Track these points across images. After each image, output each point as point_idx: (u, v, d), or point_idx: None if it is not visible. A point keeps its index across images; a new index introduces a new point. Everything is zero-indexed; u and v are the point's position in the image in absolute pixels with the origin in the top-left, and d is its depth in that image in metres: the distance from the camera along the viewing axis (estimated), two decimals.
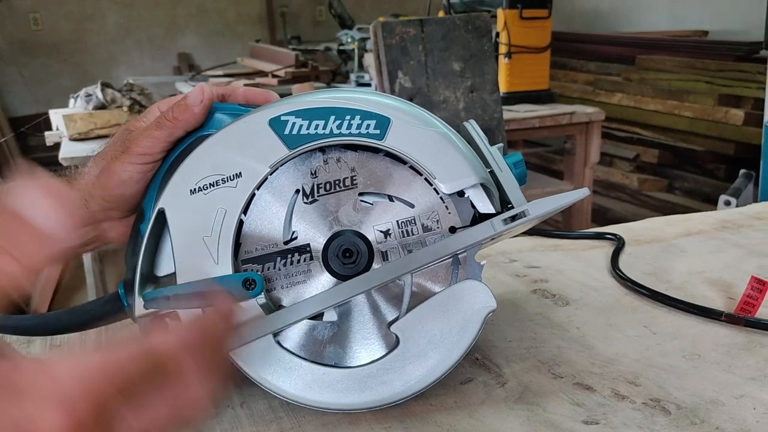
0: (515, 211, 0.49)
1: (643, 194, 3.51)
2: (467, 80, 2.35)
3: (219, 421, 0.51)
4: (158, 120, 0.52)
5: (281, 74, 3.72)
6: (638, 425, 0.48)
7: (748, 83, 3.29)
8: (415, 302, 0.50)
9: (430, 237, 0.51)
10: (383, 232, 0.51)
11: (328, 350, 0.51)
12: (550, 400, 0.52)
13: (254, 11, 5.66)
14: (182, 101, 0.51)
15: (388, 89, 2.29)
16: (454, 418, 0.50)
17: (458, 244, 0.49)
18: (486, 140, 0.52)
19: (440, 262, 0.50)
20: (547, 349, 0.60)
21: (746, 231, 0.87)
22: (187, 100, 0.51)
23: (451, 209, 0.51)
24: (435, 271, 0.51)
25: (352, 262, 0.50)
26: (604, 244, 0.84)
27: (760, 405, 0.51)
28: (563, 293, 0.71)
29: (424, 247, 0.50)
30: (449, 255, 0.50)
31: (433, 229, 0.51)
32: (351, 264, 0.50)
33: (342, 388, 0.49)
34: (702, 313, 0.64)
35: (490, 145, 0.52)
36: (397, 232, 0.51)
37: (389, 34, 2.28)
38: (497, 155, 0.51)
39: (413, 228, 0.51)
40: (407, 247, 0.51)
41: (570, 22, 4.98)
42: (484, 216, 0.50)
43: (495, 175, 0.50)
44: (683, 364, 0.57)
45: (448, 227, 0.51)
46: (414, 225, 0.51)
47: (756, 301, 0.63)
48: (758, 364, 0.56)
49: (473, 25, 2.36)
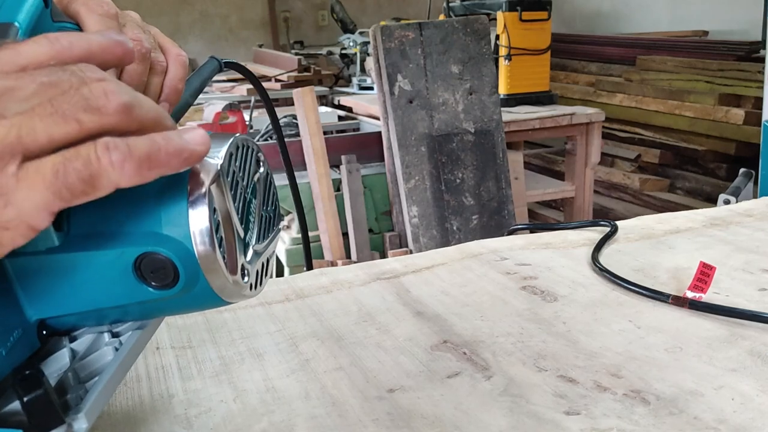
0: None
1: (645, 194, 3.52)
2: (466, 83, 2.37)
3: (212, 416, 0.53)
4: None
5: (284, 79, 3.75)
6: (618, 415, 0.50)
7: (748, 83, 3.30)
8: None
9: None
10: None
11: None
12: (533, 393, 0.53)
13: (257, 16, 5.69)
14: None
15: (388, 92, 2.31)
16: (440, 411, 0.52)
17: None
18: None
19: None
20: (533, 343, 0.61)
21: (735, 228, 0.89)
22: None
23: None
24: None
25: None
26: (594, 242, 0.85)
27: (738, 395, 0.52)
28: (552, 290, 0.72)
29: None
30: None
31: None
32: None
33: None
34: (652, 295, 0.68)
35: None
36: None
37: (388, 38, 2.30)
38: None
39: None
40: None
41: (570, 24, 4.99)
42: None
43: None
44: (665, 356, 0.58)
45: None
46: None
47: (705, 285, 0.67)
48: (739, 356, 0.57)
49: (471, 28, 2.37)
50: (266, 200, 0.42)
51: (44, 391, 0.33)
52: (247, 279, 0.37)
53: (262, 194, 0.40)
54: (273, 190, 0.43)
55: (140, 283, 0.34)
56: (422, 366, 0.58)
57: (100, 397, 0.37)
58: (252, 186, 0.39)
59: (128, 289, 0.34)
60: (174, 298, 0.35)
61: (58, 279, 0.35)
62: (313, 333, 0.65)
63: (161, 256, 0.33)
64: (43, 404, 0.33)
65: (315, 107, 2.34)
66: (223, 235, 0.34)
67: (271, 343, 0.63)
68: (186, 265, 0.33)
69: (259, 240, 0.40)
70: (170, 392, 0.56)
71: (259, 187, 0.40)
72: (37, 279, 0.35)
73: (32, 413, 0.33)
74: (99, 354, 0.40)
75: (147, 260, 0.34)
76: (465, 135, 2.36)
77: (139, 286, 0.34)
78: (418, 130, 2.32)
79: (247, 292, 0.37)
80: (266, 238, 0.41)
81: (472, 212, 2.37)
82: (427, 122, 2.32)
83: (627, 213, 3.39)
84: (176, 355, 0.62)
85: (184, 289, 0.35)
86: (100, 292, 0.35)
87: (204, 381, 0.57)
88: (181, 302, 0.36)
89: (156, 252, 0.33)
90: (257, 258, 0.39)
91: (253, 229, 0.39)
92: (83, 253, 0.34)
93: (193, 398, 0.55)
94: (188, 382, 0.57)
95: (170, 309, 0.38)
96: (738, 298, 0.68)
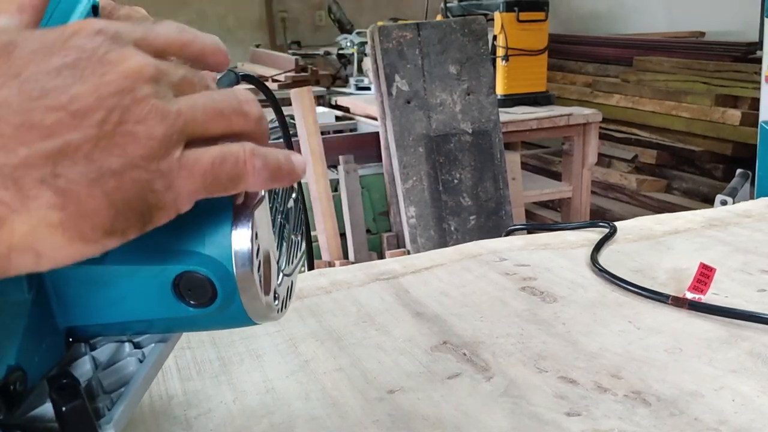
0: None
1: (642, 195, 3.53)
2: (464, 83, 2.37)
3: (211, 417, 0.53)
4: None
5: (281, 79, 3.75)
6: (619, 416, 0.50)
7: (745, 83, 3.31)
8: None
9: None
10: None
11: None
12: (534, 394, 0.53)
13: (254, 16, 5.69)
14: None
15: (386, 92, 2.31)
16: (440, 412, 0.52)
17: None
18: None
19: None
20: (533, 344, 0.61)
21: (733, 228, 0.89)
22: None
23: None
24: None
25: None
26: (593, 243, 0.85)
27: (739, 396, 0.52)
28: (551, 290, 0.72)
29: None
30: None
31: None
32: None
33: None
34: (652, 296, 0.68)
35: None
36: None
37: (386, 38, 2.30)
38: None
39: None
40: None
41: (567, 25, 5.00)
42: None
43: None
44: (665, 357, 0.58)
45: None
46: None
47: (704, 285, 0.66)
48: (739, 357, 0.57)
49: (469, 29, 2.38)
50: (296, 225, 0.43)
51: (82, 401, 0.34)
52: (277, 302, 0.38)
53: (294, 219, 0.41)
54: (301, 214, 0.44)
55: (177, 300, 0.35)
56: (422, 367, 0.58)
57: (128, 408, 0.37)
58: (286, 212, 0.40)
59: (164, 305, 0.35)
60: (206, 317, 0.36)
61: (95, 289, 0.35)
62: (312, 334, 0.65)
63: (201, 276, 0.34)
64: (80, 414, 0.34)
65: (313, 107, 2.34)
66: (261, 259, 0.35)
67: (271, 344, 0.63)
68: (224, 286, 0.34)
69: (287, 263, 0.40)
70: (169, 393, 0.55)
71: (291, 213, 0.41)
72: (74, 288, 0.35)
73: (68, 422, 0.33)
74: (123, 364, 0.41)
75: (186, 278, 0.34)
76: (462, 135, 2.36)
77: (176, 303, 0.35)
78: (416, 130, 2.32)
79: (275, 315, 0.38)
80: (293, 261, 0.42)
81: (469, 213, 2.37)
82: (424, 123, 2.32)
83: (624, 213, 3.39)
84: (175, 355, 0.61)
85: (219, 309, 0.35)
86: (136, 305, 0.36)
87: (203, 382, 0.57)
88: (211, 320, 0.36)
89: (196, 271, 0.34)
90: (285, 281, 0.40)
91: (283, 252, 0.40)
92: (124, 267, 0.35)
93: (193, 399, 0.54)
94: (187, 383, 0.57)
95: (199, 326, 0.38)
96: (737, 299, 0.68)
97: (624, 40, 4.34)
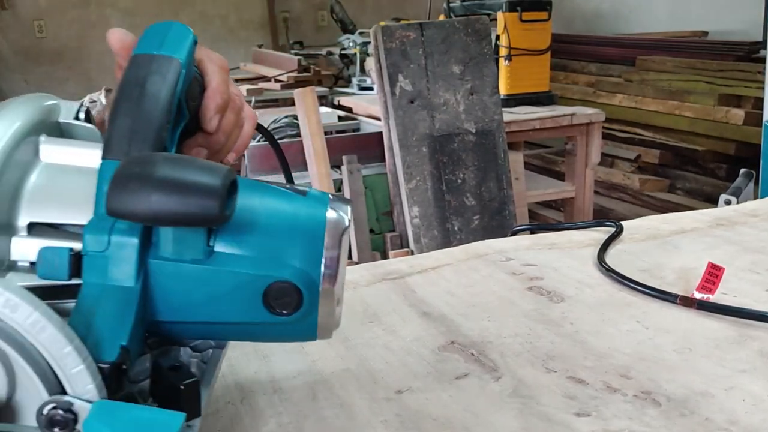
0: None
1: (645, 195, 3.52)
2: (467, 83, 2.36)
3: (219, 418, 0.52)
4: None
5: (284, 79, 3.74)
6: (629, 417, 0.50)
7: (748, 83, 3.29)
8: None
9: None
10: None
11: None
12: (543, 394, 0.53)
13: (256, 17, 5.68)
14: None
15: (389, 92, 2.31)
16: (449, 412, 0.51)
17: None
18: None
19: None
20: (541, 344, 0.61)
21: (740, 228, 0.88)
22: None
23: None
24: None
25: None
26: (599, 243, 0.85)
27: (749, 396, 0.52)
28: (558, 290, 0.72)
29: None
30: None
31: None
32: None
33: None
34: (660, 296, 0.68)
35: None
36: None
37: (389, 38, 2.29)
38: None
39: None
40: None
41: (570, 24, 4.99)
42: None
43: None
44: (674, 357, 0.58)
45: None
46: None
47: (713, 285, 0.66)
48: (749, 357, 0.57)
49: (472, 29, 2.37)
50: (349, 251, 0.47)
51: (197, 379, 0.38)
52: (339, 316, 0.42)
53: (347, 245, 0.46)
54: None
55: (264, 306, 0.39)
56: (430, 367, 0.58)
57: (207, 400, 0.42)
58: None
59: (251, 310, 0.39)
60: (282, 325, 0.40)
61: (193, 288, 0.38)
62: None
63: (291, 286, 0.38)
64: (194, 390, 0.38)
65: (316, 108, 2.34)
66: (341, 280, 0.40)
67: (278, 344, 0.63)
68: (311, 298, 0.39)
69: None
70: None
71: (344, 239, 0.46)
72: (174, 284, 0.38)
73: (183, 397, 0.37)
74: (186, 365, 0.44)
75: (277, 287, 0.38)
76: (466, 135, 2.35)
77: (261, 309, 0.39)
78: (419, 130, 2.32)
79: (332, 331, 0.42)
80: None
81: (473, 212, 2.36)
82: (428, 122, 2.32)
83: (627, 213, 3.38)
84: None
85: (297, 320, 0.39)
86: (226, 307, 0.39)
87: None
88: (285, 330, 0.41)
89: (289, 281, 0.38)
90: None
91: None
92: (224, 270, 0.38)
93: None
94: None
95: (271, 334, 0.43)
96: (746, 299, 0.68)
97: (627, 39, 4.33)
